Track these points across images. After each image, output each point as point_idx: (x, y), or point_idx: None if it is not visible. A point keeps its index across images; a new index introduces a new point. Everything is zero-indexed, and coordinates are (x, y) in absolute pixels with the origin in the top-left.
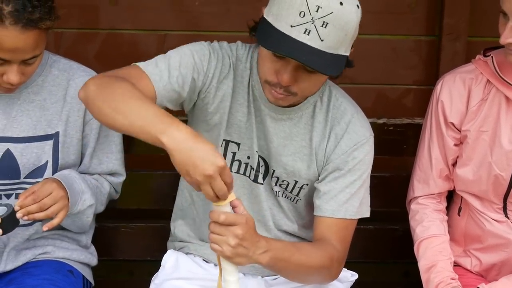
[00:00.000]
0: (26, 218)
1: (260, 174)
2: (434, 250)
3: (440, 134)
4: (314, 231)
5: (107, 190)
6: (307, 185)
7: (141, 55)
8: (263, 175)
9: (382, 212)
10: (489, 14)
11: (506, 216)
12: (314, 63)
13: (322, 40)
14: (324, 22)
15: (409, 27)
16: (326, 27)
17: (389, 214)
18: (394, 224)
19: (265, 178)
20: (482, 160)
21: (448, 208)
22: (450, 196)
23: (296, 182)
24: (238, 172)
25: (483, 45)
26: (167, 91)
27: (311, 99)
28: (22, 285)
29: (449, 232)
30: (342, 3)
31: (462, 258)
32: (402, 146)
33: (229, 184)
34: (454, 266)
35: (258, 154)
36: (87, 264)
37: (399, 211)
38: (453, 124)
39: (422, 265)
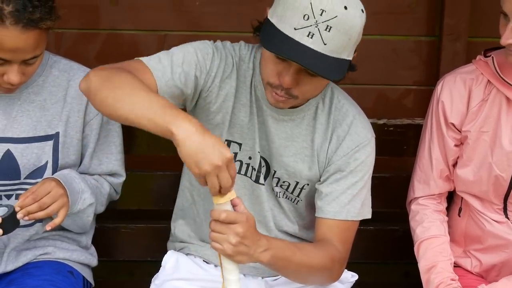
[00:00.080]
0: (26, 218)
1: (261, 174)
2: (434, 250)
3: (440, 134)
4: (315, 232)
5: (107, 190)
6: (308, 185)
7: (141, 55)
8: (264, 176)
9: (382, 212)
10: (489, 15)
11: (506, 216)
12: (316, 67)
13: (325, 44)
14: (328, 26)
15: (409, 28)
16: (329, 31)
17: (389, 215)
18: (394, 224)
19: (266, 178)
20: (482, 160)
21: (448, 208)
22: (451, 196)
23: (297, 183)
24: (239, 172)
25: (484, 45)
26: (169, 87)
27: (313, 101)
28: (23, 285)
29: (449, 232)
30: (346, 8)
31: (462, 259)
32: (402, 147)
33: (233, 178)
34: (454, 267)
35: (260, 155)
36: (87, 264)
37: (399, 212)
38: (453, 124)
39: (422, 265)
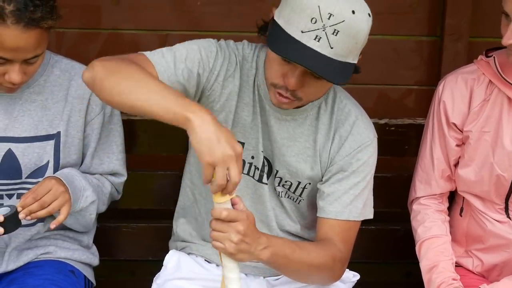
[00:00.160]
0: (29, 218)
1: (264, 174)
2: (435, 250)
3: (442, 134)
4: (317, 232)
5: (109, 189)
6: (310, 184)
7: None
8: (267, 175)
9: (384, 212)
10: (491, 15)
11: (508, 216)
12: (322, 71)
13: (331, 47)
14: (335, 30)
15: (411, 28)
16: (336, 35)
17: (390, 215)
18: (395, 224)
19: (268, 178)
20: (484, 160)
21: (450, 208)
22: (452, 196)
23: (299, 183)
24: (242, 172)
25: (485, 45)
26: (172, 83)
27: (316, 101)
28: (24, 285)
29: (450, 232)
30: (354, 12)
31: (463, 259)
32: (403, 147)
33: (241, 174)
34: (455, 266)
35: (263, 154)
36: (89, 264)
37: (401, 212)
38: (455, 124)
39: (424, 265)
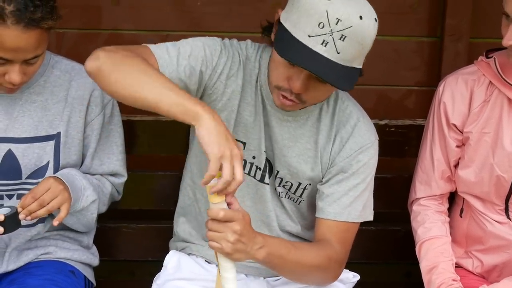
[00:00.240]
0: (29, 218)
1: (266, 174)
2: (435, 251)
3: (442, 135)
4: (315, 233)
5: (109, 190)
6: (310, 185)
7: None
8: (268, 175)
9: (384, 213)
10: (491, 15)
11: (508, 217)
12: (328, 76)
13: (338, 52)
14: (342, 35)
15: (411, 28)
16: (344, 40)
17: (391, 215)
18: (396, 225)
19: (269, 178)
20: (484, 161)
21: (450, 209)
22: (452, 197)
23: (299, 183)
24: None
25: (485, 46)
26: (173, 79)
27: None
28: (24, 285)
29: (450, 233)
30: (362, 18)
31: (463, 260)
32: (403, 147)
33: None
34: (455, 267)
35: (265, 155)
36: (89, 264)
37: (401, 212)
38: (455, 125)
39: (424, 266)
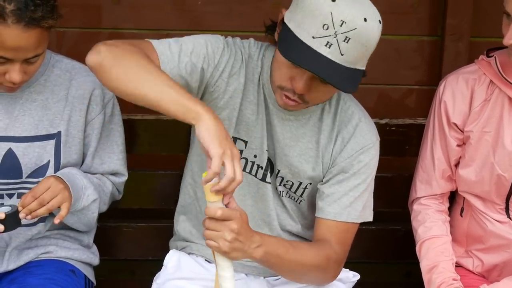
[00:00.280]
0: (29, 217)
1: (268, 173)
2: (436, 250)
3: (442, 134)
4: (314, 232)
5: (110, 189)
6: (311, 184)
7: None
8: (270, 174)
9: (384, 212)
10: (492, 15)
11: (509, 216)
12: (331, 78)
13: (342, 54)
14: (346, 37)
15: (411, 27)
16: (348, 42)
17: (391, 215)
18: (396, 224)
19: (270, 177)
20: (484, 160)
21: (450, 208)
22: (453, 196)
23: (300, 183)
24: (244, 170)
25: (486, 45)
26: (173, 75)
27: None
28: (24, 284)
29: (451, 232)
30: (366, 20)
31: (464, 259)
32: (404, 147)
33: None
34: (456, 266)
35: (267, 154)
36: (89, 263)
37: (401, 212)
38: (456, 124)
39: (424, 265)
